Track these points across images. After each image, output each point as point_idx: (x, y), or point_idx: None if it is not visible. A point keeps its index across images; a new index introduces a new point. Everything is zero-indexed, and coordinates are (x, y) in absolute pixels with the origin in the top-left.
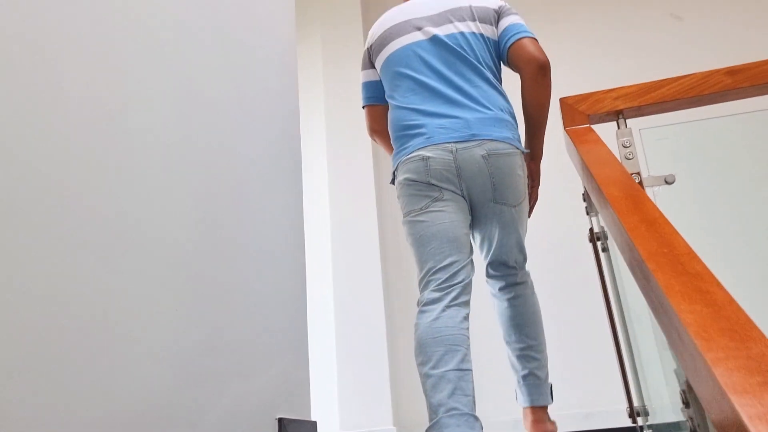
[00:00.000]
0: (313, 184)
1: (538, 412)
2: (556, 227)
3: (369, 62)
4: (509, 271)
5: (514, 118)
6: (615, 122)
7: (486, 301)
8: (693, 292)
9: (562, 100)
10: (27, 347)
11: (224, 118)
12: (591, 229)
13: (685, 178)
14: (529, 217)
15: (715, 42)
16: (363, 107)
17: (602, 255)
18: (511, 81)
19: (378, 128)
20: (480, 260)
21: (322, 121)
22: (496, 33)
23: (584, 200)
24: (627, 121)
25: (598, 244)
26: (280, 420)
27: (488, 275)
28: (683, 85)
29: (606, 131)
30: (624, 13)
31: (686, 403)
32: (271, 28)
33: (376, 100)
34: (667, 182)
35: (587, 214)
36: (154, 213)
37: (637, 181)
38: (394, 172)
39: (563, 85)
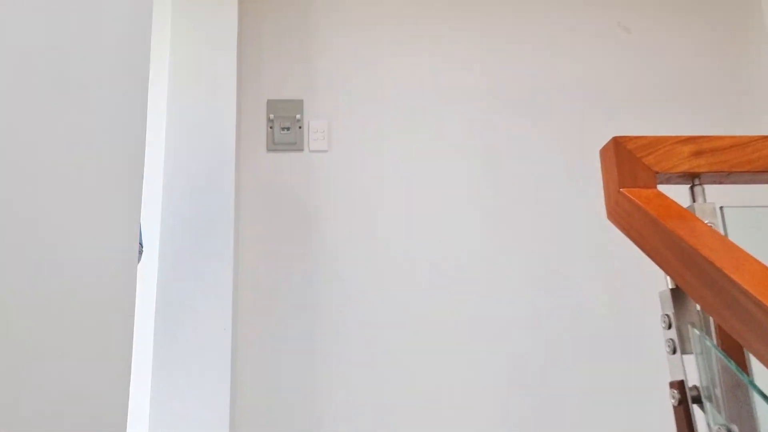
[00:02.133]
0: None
1: None
2: None
3: None
4: None
5: None
6: (689, 189)
7: None
8: None
9: (618, 143)
10: None
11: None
12: (681, 383)
13: None
14: None
15: (663, 58)
16: None
17: None
18: None
19: None
20: None
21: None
22: None
23: (668, 326)
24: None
25: (700, 408)
26: None
27: None
28: None
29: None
30: (568, 21)
31: None
32: None
33: None
34: None
35: (673, 351)
36: None
37: None
38: None
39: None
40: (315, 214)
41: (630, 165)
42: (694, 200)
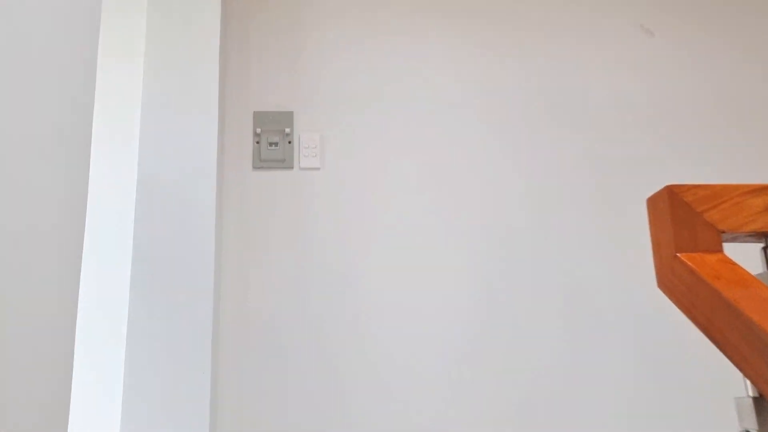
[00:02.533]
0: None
1: None
2: None
3: None
4: None
5: None
6: (761, 251)
7: None
8: None
9: (674, 193)
10: None
11: None
12: None
13: None
14: None
15: (689, 65)
16: None
17: None
18: None
19: None
20: None
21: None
22: None
23: None
24: None
25: None
26: None
27: None
28: None
29: None
30: (583, 26)
31: None
32: None
33: None
34: None
35: None
36: None
37: None
38: None
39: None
40: (305, 240)
41: (689, 222)
42: None
